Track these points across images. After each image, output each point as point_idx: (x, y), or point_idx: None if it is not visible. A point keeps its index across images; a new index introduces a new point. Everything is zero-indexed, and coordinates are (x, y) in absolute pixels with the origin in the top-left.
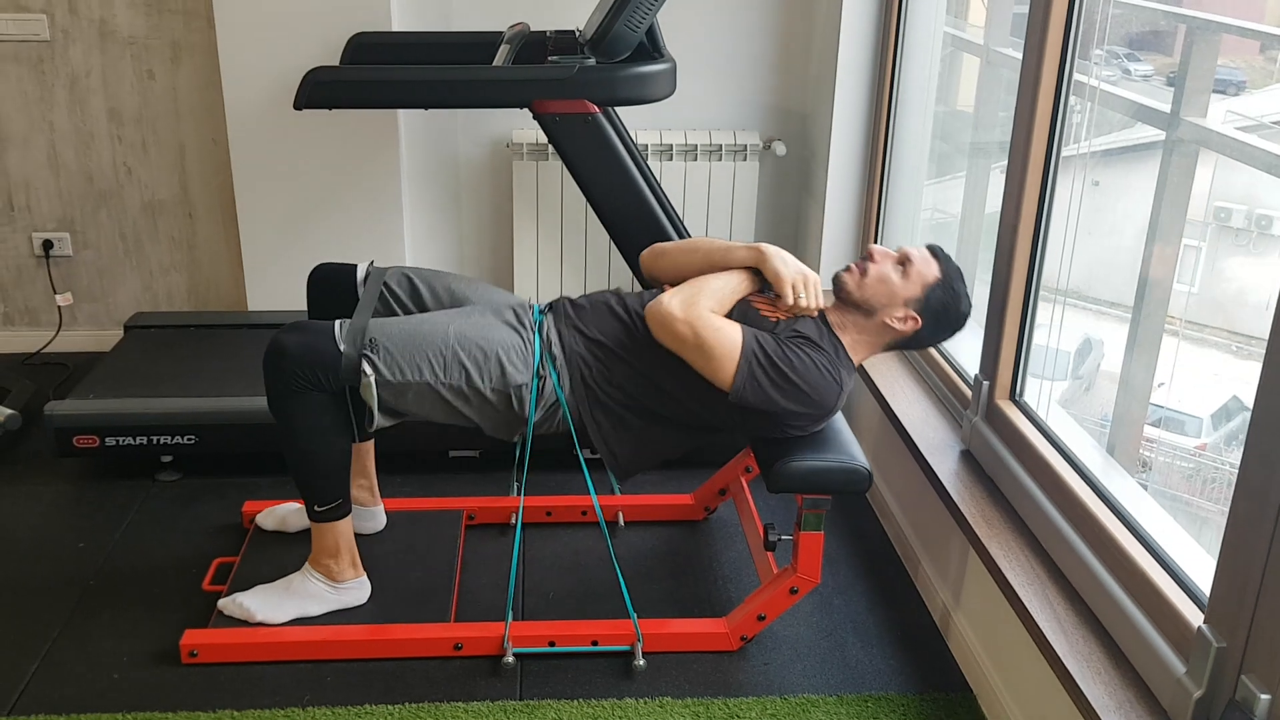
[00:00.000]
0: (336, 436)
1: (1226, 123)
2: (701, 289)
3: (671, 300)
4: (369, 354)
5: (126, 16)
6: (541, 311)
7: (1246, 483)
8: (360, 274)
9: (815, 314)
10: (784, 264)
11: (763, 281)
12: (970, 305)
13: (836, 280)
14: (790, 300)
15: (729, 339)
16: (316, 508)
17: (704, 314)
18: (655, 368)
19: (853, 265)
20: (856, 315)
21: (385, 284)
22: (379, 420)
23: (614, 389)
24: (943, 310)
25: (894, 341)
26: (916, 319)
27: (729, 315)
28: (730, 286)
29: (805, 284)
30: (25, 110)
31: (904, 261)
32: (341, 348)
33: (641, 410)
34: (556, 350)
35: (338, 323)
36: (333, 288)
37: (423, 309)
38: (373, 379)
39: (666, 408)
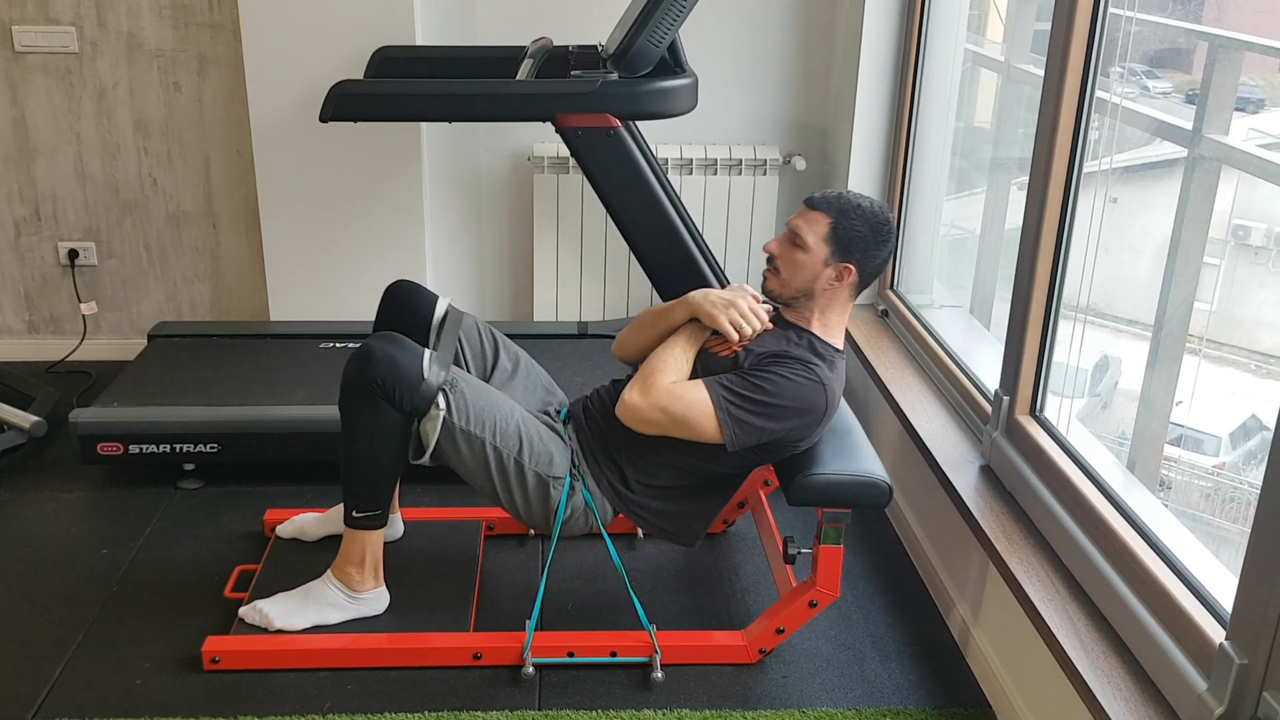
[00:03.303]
0: (393, 451)
1: (1248, 140)
2: (654, 368)
3: (631, 392)
4: (448, 391)
5: (154, 29)
6: (565, 420)
7: (1269, 499)
8: (439, 311)
9: (769, 327)
10: (712, 305)
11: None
12: (876, 202)
13: (764, 291)
14: (734, 335)
15: (697, 401)
16: (355, 513)
17: (663, 391)
18: (657, 452)
19: (765, 273)
20: (805, 303)
21: (460, 335)
22: (426, 458)
23: (636, 485)
24: (856, 238)
25: (851, 293)
26: (848, 267)
27: (693, 372)
28: (679, 349)
29: (740, 312)
30: (53, 121)
31: (796, 235)
32: (426, 375)
33: (668, 491)
34: (579, 460)
35: (428, 351)
36: (408, 310)
37: (480, 369)
38: (442, 415)
39: (688, 479)
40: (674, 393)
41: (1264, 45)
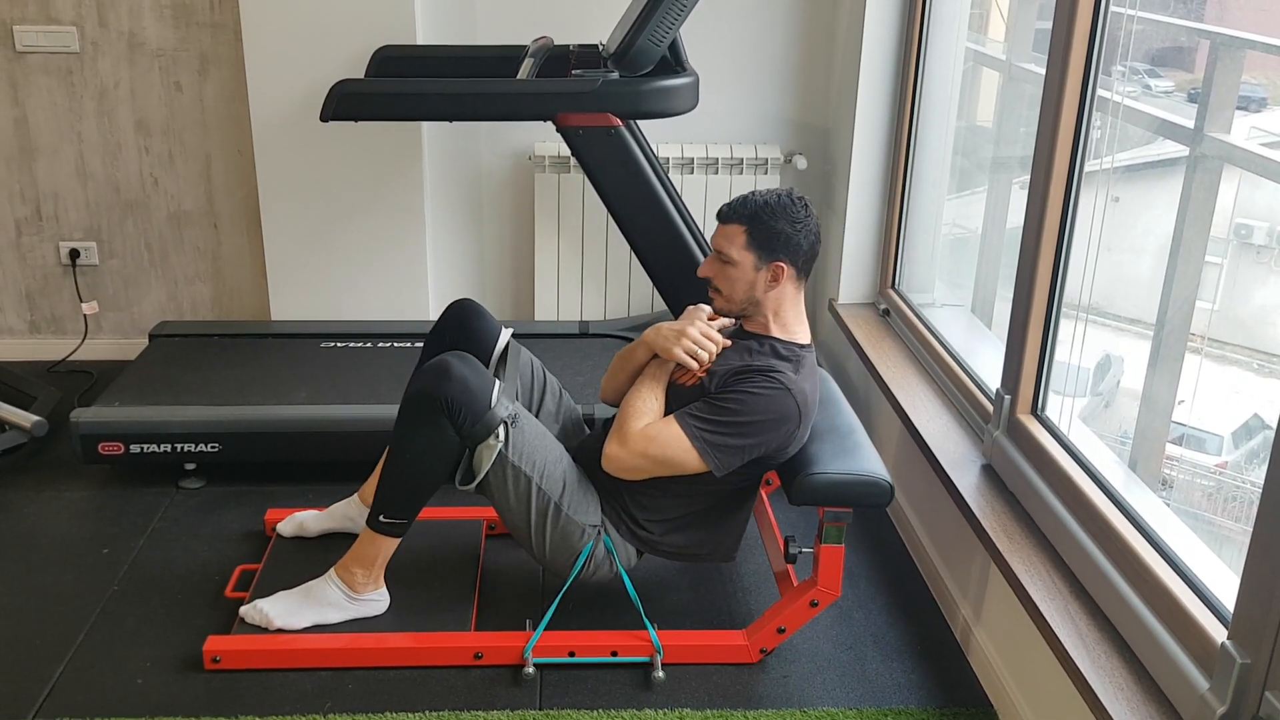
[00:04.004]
0: (442, 469)
1: (1250, 139)
2: (626, 415)
3: (610, 446)
4: (509, 424)
5: (155, 29)
6: None
7: (1271, 498)
8: (502, 342)
9: (726, 344)
10: (665, 339)
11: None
12: (782, 191)
13: (717, 312)
14: (694, 365)
15: (673, 438)
16: (383, 518)
17: (638, 437)
18: (657, 490)
19: (710, 295)
20: (756, 310)
21: (516, 371)
22: (473, 486)
23: (651, 524)
24: (775, 234)
25: (793, 286)
26: (779, 265)
27: (667, 407)
28: (646, 389)
29: (691, 339)
30: (54, 121)
31: (720, 253)
32: (493, 405)
33: (682, 521)
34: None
35: (499, 381)
36: (470, 333)
37: (528, 401)
38: (499, 447)
39: (696, 505)
40: (648, 435)
41: (1266, 44)
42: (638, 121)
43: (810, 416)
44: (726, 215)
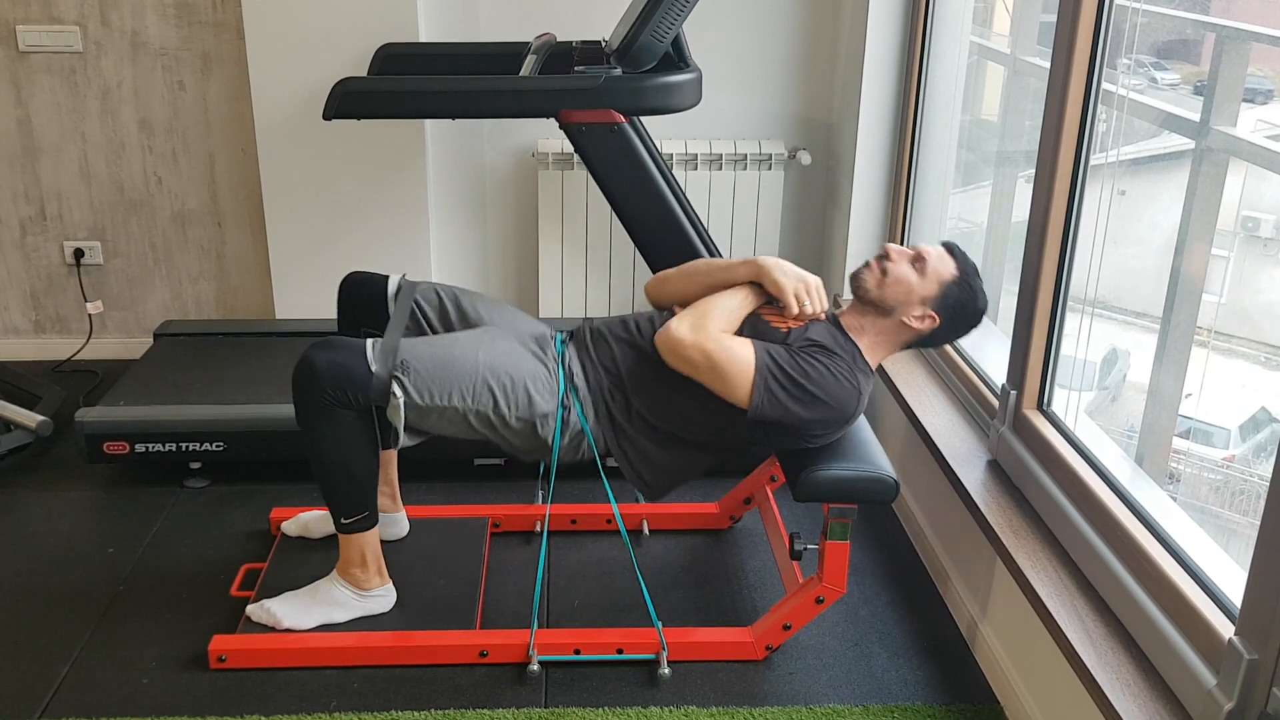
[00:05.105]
0: (364, 451)
1: (1256, 131)
2: (709, 310)
3: (680, 325)
4: (400, 376)
5: (158, 28)
6: (563, 341)
7: (1279, 492)
8: (391, 287)
9: (823, 318)
10: (783, 274)
11: (768, 294)
12: (987, 302)
13: (856, 278)
14: (795, 309)
15: (741, 358)
16: (343, 520)
17: (713, 335)
18: (674, 393)
19: (871, 263)
20: (873, 315)
21: (416, 300)
22: (404, 439)
23: (636, 418)
24: (960, 307)
25: (911, 340)
26: (934, 317)
27: (740, 331)
28: (736, 303)
29: (808, 290)
30: (58, 121)
31: (919, 259)
32: (373, 368)
33: (665, 436)
34: (580, 382)
35: (369, 342)
36: (363, 298)
37: (449, 328)
38: (402, 401)
39: (689, 431)
40: (722, 342)
41: (1271, 36)
42: (641, 118)
43: (850, 425)
44: (956, 253)
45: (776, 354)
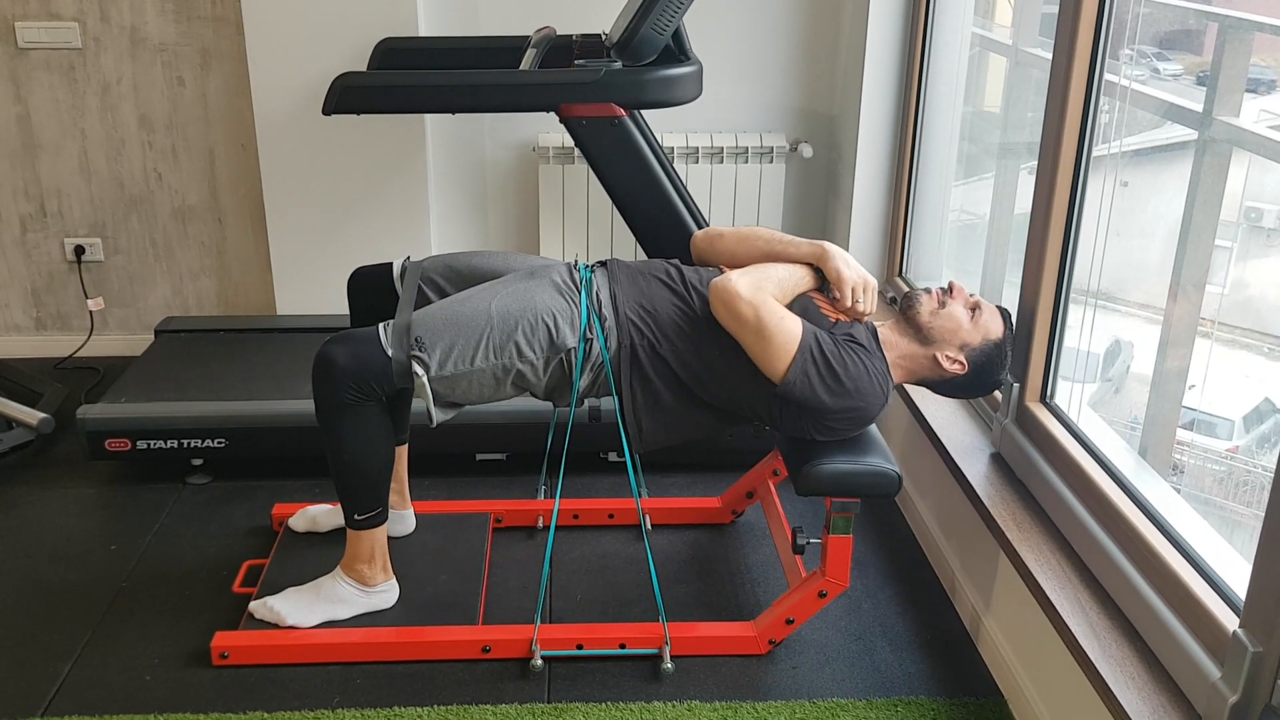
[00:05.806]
0: (383, 447)
1: (1259, 122)
2: (768, 275)
3: (740, 280)
4: (418, 354)
5: (157, 24)
6: (590, 269)
7: None
8: (396, 270)
9: (866, 321)
10: (847, 265)
11: (821, 280)
12: (1007, 378)
13: (911, 298)
14: (849, 302)
15: (789, 330)
16: (356, 516)
17: (768, 300)
18: (707, 345)
19: (934, 290)
20: (911, 339)
21: (425, 275)
22: (438, 416)
23: (660, 361)
24: (988, 367)
25: (928, 378)
26: (964, 365)
27: (789, 307)
28: (794, 279)
29: (865, 288)
30: (57, 117)
31: (975, 308)
32: (390, 353)
33: (680, 387)
34: (607, 311)
35: (381, 327)
36: (372, 290)
37: (460, 284)
38: (425, 379)
39: (708, 390)
40: (775, 310)
41: (1275, 26)
42: (642, 111)
43: (866, 427)
44: (1005, 316)
45: (821, 337)
